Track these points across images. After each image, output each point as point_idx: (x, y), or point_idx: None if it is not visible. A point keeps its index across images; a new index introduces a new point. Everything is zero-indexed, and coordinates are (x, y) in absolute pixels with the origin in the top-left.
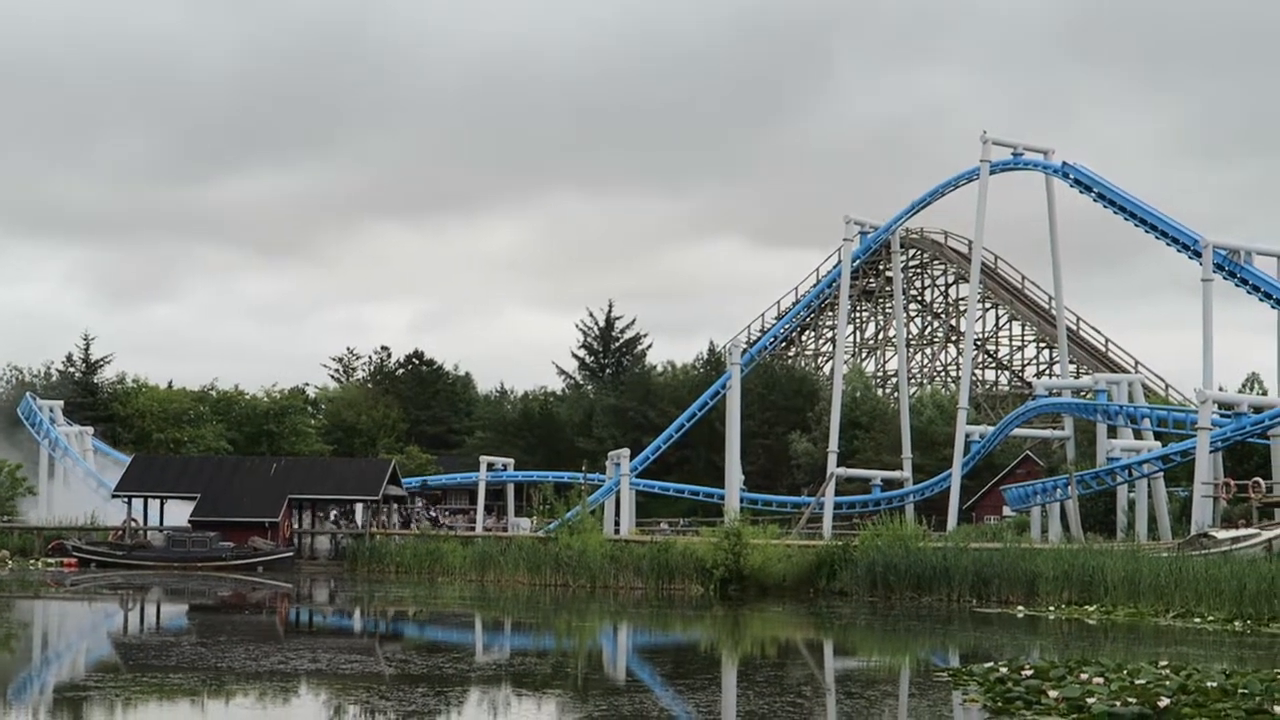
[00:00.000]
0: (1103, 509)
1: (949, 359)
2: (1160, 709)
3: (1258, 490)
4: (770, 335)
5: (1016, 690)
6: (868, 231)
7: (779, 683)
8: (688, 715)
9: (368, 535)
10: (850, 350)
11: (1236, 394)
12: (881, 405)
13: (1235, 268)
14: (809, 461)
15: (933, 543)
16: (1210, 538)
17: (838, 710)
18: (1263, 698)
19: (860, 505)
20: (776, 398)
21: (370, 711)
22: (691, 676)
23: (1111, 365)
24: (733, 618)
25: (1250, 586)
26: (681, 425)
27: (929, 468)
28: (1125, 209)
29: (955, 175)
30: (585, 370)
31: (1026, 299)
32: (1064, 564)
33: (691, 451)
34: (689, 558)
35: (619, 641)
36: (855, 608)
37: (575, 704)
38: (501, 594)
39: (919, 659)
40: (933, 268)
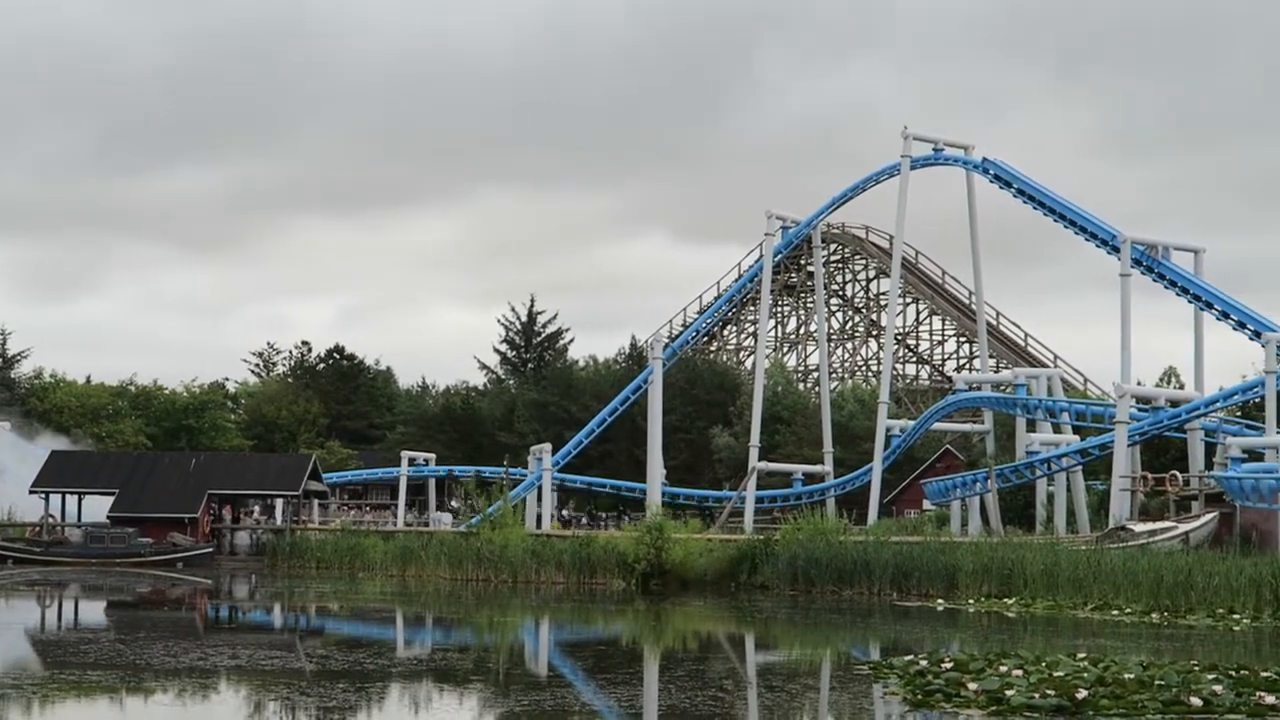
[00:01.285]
0: (1022, 502)
1: (870, 354)
2: (1078, 701)
3: (1175, 483)
4: (692, 330)
5: (936, 683)
6: (789, 226)
7: (700, 677)
8: (609, 710)
9: (288, 531)
10: (772, 345)
11: (1154, 388)
12: (803, 400)
13: (1153, 263)
14: (730, 456)
15: (853, 537)
16: (1128, 531)
17: (759, 704)
18: (1179, 689)
19: (781, 499)
20: (698, 392)
21: (291, 708)
22: (613, 671)
23: (1031, 360)
24: (654, 612)
25: (1167, 579)
26: (603, 420)
27: (850, 462)
28: (1044, 204)
29: (877, 170)
30: (507, 365)
31: (947, 294)
32: (983, 557)
33: (613, 446)
34: (611, 552)
35: (541, 636)
36: (776, 602)
37: (497, 699)
38: (423, 589)
39: (840, 652)
40: (854, 263)
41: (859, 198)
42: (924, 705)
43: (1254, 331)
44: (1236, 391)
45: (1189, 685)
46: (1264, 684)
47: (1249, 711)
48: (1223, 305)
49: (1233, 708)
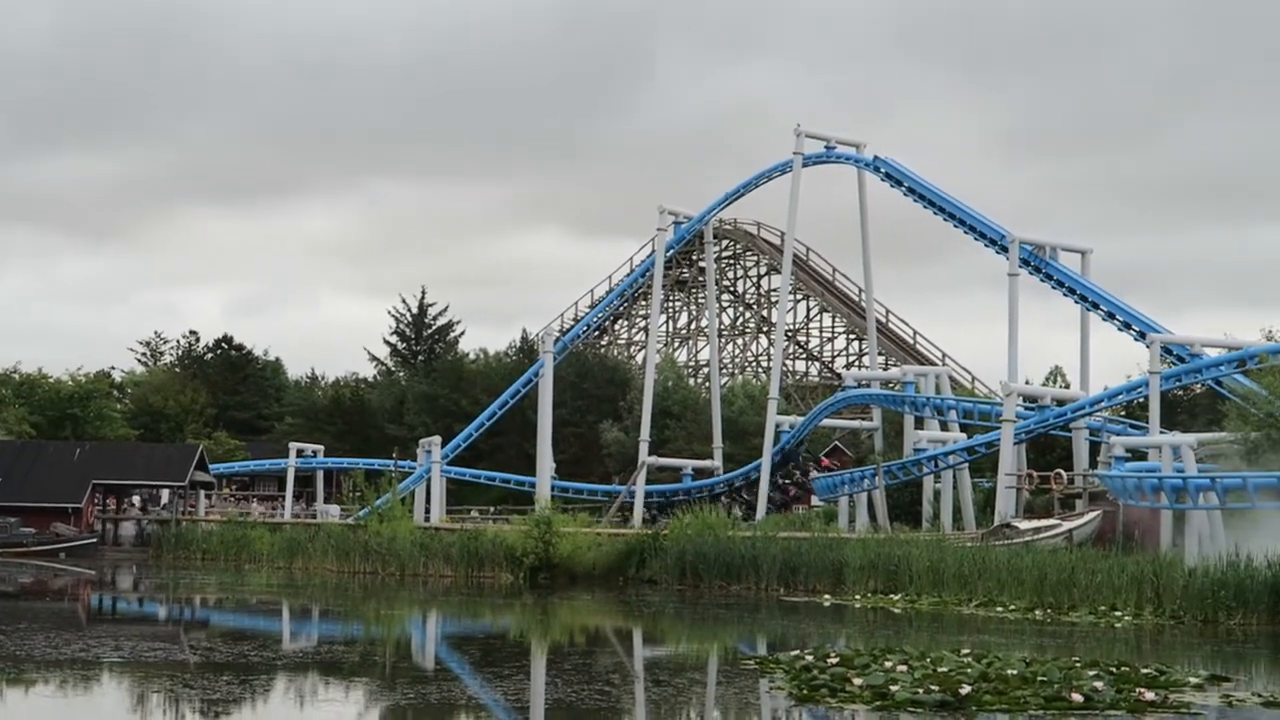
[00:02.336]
0: (909, 499)
1: (760, 349)
2: (962, 696)
3: (1060, 482)
4: (583, 324)
5: (822, 678)
6: (682, 222)
7: (588, 671)
8: (496, 703)
9: (174, 521)
10: (663, 340)
11: (1040, 387)
12: (693, 395)
13: (1041, 263)
14: (620, 450)
15: (742, 532)
16: (1013, 528)
17: (646, 698)
18: (1061, 685)
19: (671, 494)
20: (589, 386)
21: (174, 700)
22: (500, 664)
23: (919, 358)
24: (542, 606)
25: (1051, 576)
26: (494, 413)
27: (739, 457)
28: (934, 203)
29: (769, 167)
30: (397, 357)
31: (837, 291)
32: (870, 553)
33: (503, 439)
34: (499, 546)
35: (428, 629)
36: (664, 596)
37: (383, 692)
38: (309, 581)
39: (727, 647)
40: (745, 259)
41: (752, 194)
42: (809, 700)
43: (1139, 332)
44: (1121, 391)
45: (1071, 681)
46: (1144, 680)
47: (1129, 707)
48: (1109, 306)
49: (1113, 704)
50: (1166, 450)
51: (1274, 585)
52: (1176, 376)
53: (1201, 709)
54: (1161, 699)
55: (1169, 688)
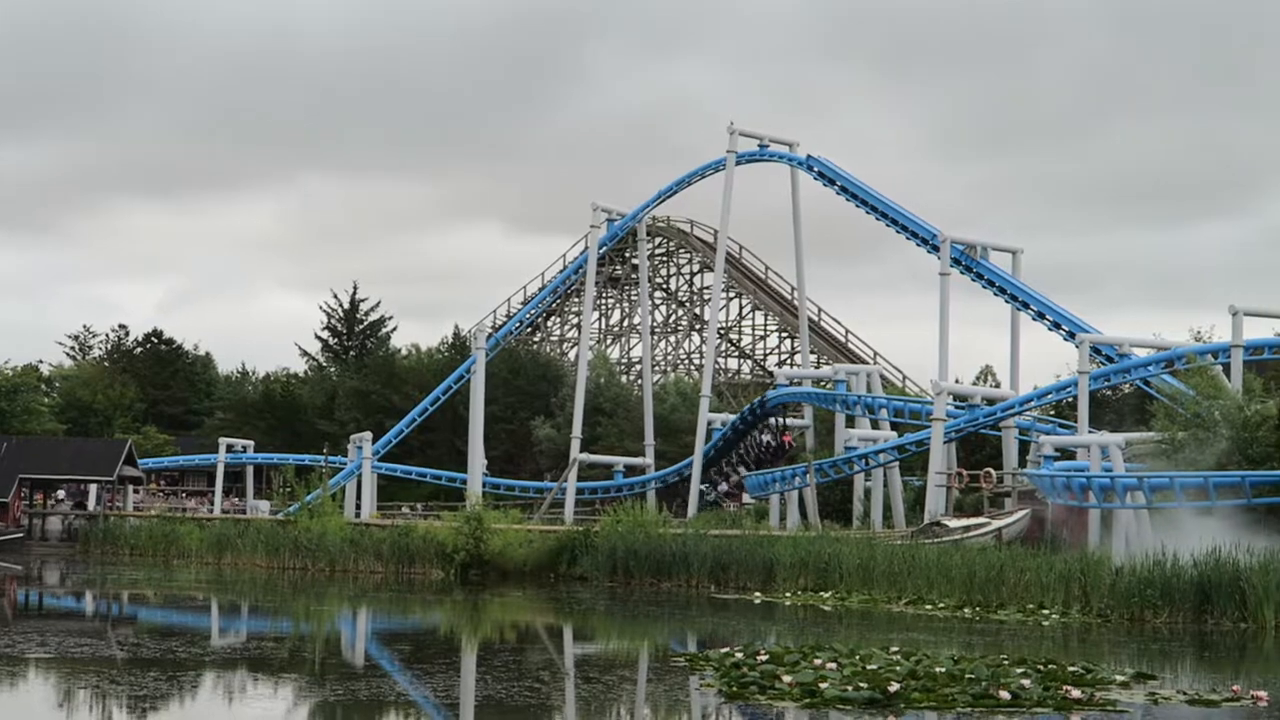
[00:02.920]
0: (840, 497)
1: (693, 347)
2: (890, 694)
3: (989, 480)
4: (516, 320)
5: (751, 675)
6: (615, 219)
7: (518, 667)
8: (425, 700)
9: (102, 516)
10: (595, 337)
11: (971, 386)
12: (625, 392)
13: (972, 263)
14: (552, 447)
15: (673, 529)
16: (942, 526)
17: (576, 694)
18: (989, 682)
19: (603, 491)
20: (521, 383)
21: (101, 696)
22: (430, 661)
23: (851, 356)
24: (473, 602)
25: (980, 574)
26: (425, 409)
27: (671, 454)
28: (866, 202)
29: (702, 165)
30: (329, 352)
31: (770, 289)
32: (801, 551)
33: (435, 435)
34: (430, 542)
35: (358, 625)
36: (595, 593)
37: (312, 688)
38: (239, 577)
39: (657, 644)
40: (678, 256)
41: (685, 192)
42: (739, 697)
43: (1068, 332)
44: (1050, 391)
45: (998, 679)
46: (1070, 678)
47: (1055, 705)
48: (1039, 306)
49: (1040, 701)
50: (1095, 450)
51: (1199, 584)
52: (1105, 376)
53: (1127, 707)
54: (1088, 697)
55: (1095, 685)
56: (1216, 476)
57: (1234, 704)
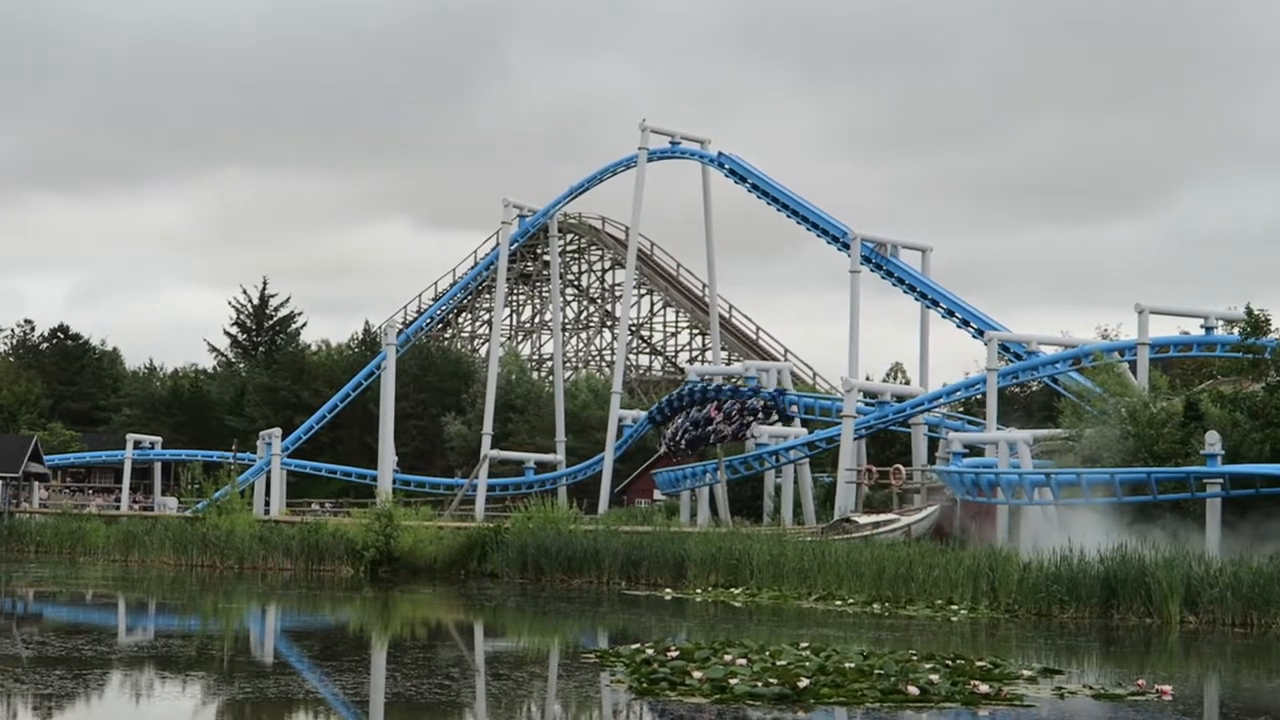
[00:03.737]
0: (750, 493)
1: (604, 344)
2: (800, 689)
3: (899, 476)
4: (426, 316)
5: (661, 671)
6: (526, 215)
7: (428, 664)
8: (335, 697)
9: (6, 513)
10: (506, 333)
11: (880, 383)
12: (536, 388)
13: (882, 260)
14: (463, 443)
15: (584, 525)
16: (852, 522)
17: (486, 691)
18: (897, 678)
19: (513, 487)
20: (432, 379)
21: (6, 695)
22: (339, 658)
23: (762, 353)
24: (383, 599)
25: (889, 570)
26: (335, 405)
27: (582, 451)
28: (778, 200)
29: (614, 162)
30: (238, 348)
31: (681, 286)
32: (711, 547)
33: (345, 432)
34: (340, 539)
35: (267, 623)
36: (506, 590)
37: (220, 686)
38: (146, 575)
39: (568, 641)
40: (590, 253)
41: (598, 189)
42: (649, 693)
43: (977, 330)
44: (959, 388)
45: (907, 674)
46: (978, 673)
47: (963, 700)
48: (948, 303)
49: (948, 696)
50: (1003, 446)
51: (1106, 580)
52: (1014, 373)
53: (1034, 701)
54: (995, 691)
55: (1003, 680)
56: (1123, 473)
57: (1139, 698)
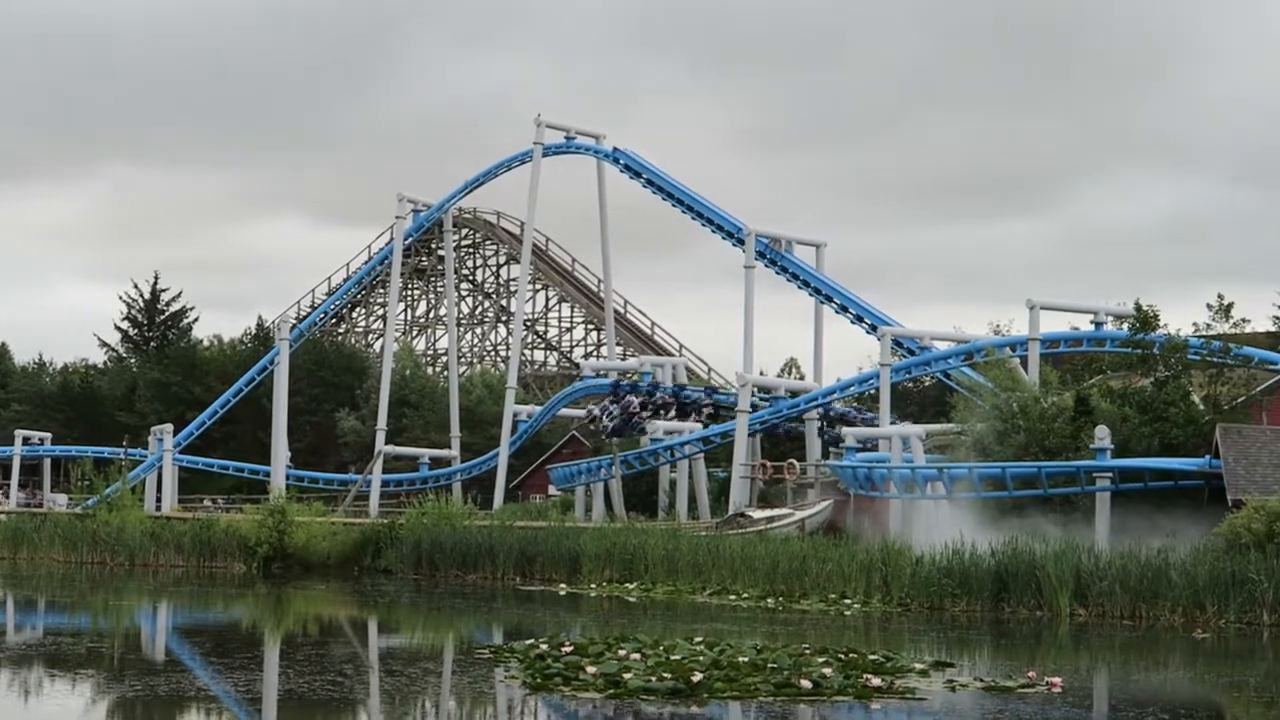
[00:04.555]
0: (645, 489)
1: (499, 339)
2: (694, 683)
3: (792, 471)
4: (320, 311)
5: (555, 667)
6: (421, 210)
7: (321, 661)
8: (227, 694)
9: None
10: (401, 328)
11: (775, 378)
12: (431, 384)
13: (776, 256)
14: (357, 439)
15: (479, 521)
16: (746, 517)
17: (380, 688)
18: (791, 671)
19: (408, 483)
20: (326, 374)
21: None
22: (231, 655)
23: (657, 348)
24: (276, 596)
25: (783, 565)
26: (228, 401)
27: (477, 446)
28: (673, 195)
29: (509, 156)
30: (129, 343)
31: (576, 281)
32: (606, 542)
33: (238, 428)
34: (232, 535)
35: (158, 620)
36: (400, 586)
37: (111, 684)
38: (35, 572)
39: (462, 637)
40: (485, 248)
41: (494, 185)
42: (543, 689)
43: (871, 325)
44: (853, 383)
45: (800, 668)
46: (870, 666)
47: (856, 693)
48: (842, 299)
49: (840, 689)
50: (896, 441)
51: (997, 573)
52: (907, 369)
53: (926, 694)
54: (888, 684)
55: (895, 673)
56: (1014, 467)
57: (1029, 690)
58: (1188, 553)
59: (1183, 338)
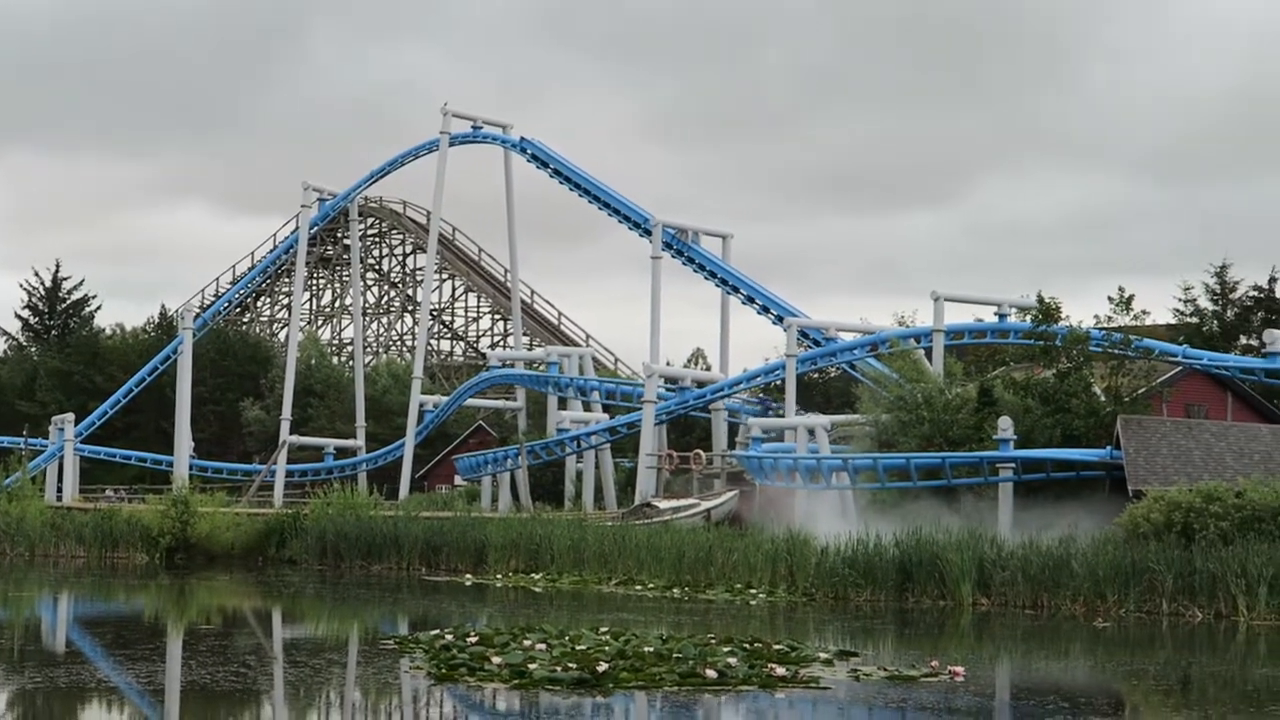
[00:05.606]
0: (551, 479)
1: (405, 329)
2: (599, 673)
3: (699, 462)
4: (224, 300)
5: (461, 657)
6: (327, 199)
7: (224, 652)
8: (129, 686)
9: None
10: (306, 318)
11: (681, 369)
12: (336, 373)
13: (683, 247)
14: (261, 429)
15: (384, 511)
16: (653, 507)
17: (284, 678)
18: (695, 661)
19: (313, 473)
20: (230, 364)
21: None
22: (133, 646)
23: (564, 338)
24: (179, 587)
25: (689, 555)
26: (130, 390)
27: (383, 436)
28: (580, 185)
29: (415, 145)
30: (29, 332)
31: (483, 271)
32: (512, 533)
33: (141, 417)
34: (135, 526)
35: (59, 611)
36: (305, 576)
37: (10, 676)
38: None
39: (367, 627)
40: (391, 237)
41: (403, 174)
42: (448, 679)
43: (777, 316)
44: (759, 374)
45: (705, 658)
46: (775, 656)
47: (760, 682)
48: (749, 290)
49: (745, 679)
50: (801, 432)
51: (900, 563)
52: (812, 360)
53: (830, 683)
54: (792, 674)
55: (800, 663)
56: (918, 458)
57: (932, 679)
58: (1089, 543)
59: (1084, 330)
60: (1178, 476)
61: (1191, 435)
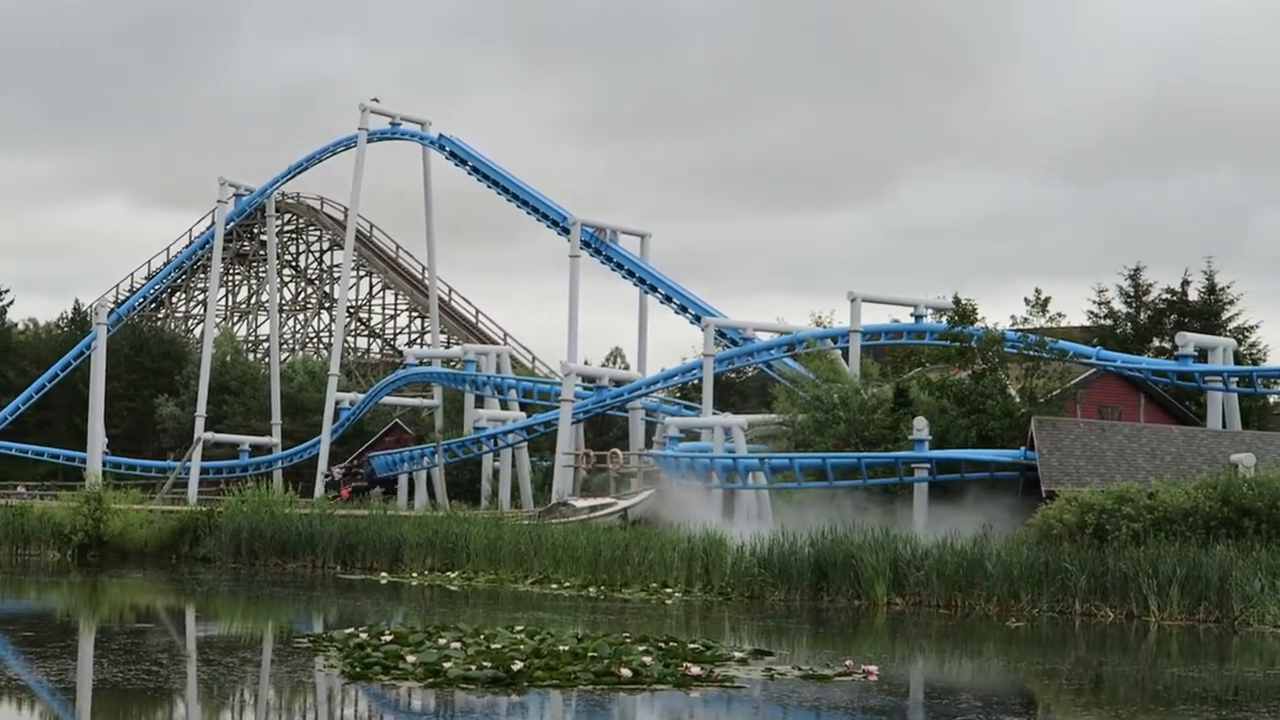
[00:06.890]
0: (468, 477)
1: (322, 325)
2: (514, 672)
3: (616, 461)
4: (139, 296)
5: (375, 656)
6: (243, 194)
7: (136, 650)
8: (40, 684)
9: None
10: (222, 314)
11: (599, 367)
12: (252, 370)
13: (602, 245)
14: (176, 426)
15: (299, 509)
16: (569, 506)
17: (197, 677)
18: (611, 660)
19: (228, 470)
20: (144, 360)
21: None
22: (44, 644)
23: (481, 336)
24: (91, 584)
25: (605, 554)
26: (43, 386)
27: (298, 434)
28: (498, 183)
29: (333, 141)
30: None
31: (401, 268)
32: (428, 531)
33: (53, 413)
34: (46, 522)
35: None
36: (219, 574)
37: None
38: None
39: (282, 626)
40: (308, 233)
41: (321, 171)
42: (362, 678)
43: (695, 315)
44: (677, 373)
45: (620, 656)
46: (690, 655)
47: (675, 681)
48: (666, 289)
49: (660, 678)
50: (718, 431)
51: (816, 563)
52: (730, 359)
53: (745, 682)
54: (707, 673)
55: (715, 662)
56: (834, 458)
57: (846, 678)
58: (1003, 543)
59: (1000, 331)
60: (1091, 478)
61: (1105, 437)
